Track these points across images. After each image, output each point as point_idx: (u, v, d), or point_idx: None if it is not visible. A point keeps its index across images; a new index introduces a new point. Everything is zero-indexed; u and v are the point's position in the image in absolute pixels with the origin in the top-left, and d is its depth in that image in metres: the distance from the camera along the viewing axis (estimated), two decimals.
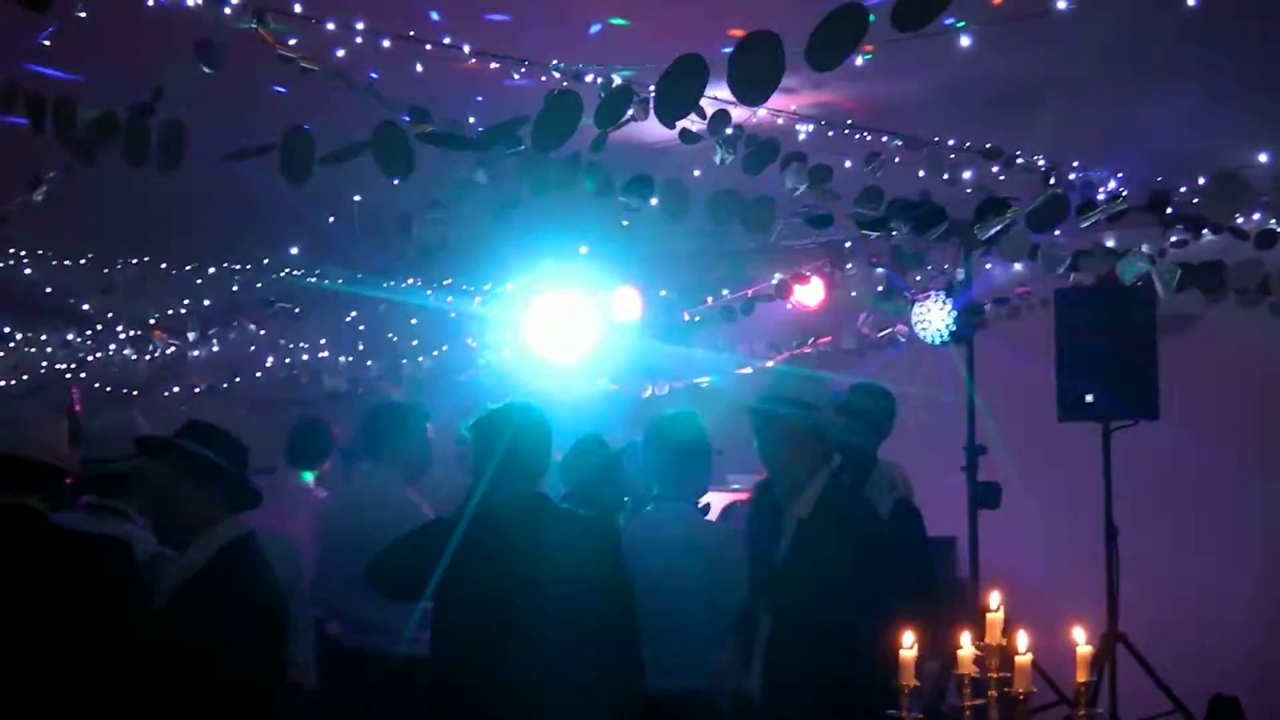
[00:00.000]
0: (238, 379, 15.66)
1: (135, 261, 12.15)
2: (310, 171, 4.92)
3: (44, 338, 14.88)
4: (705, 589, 6.29)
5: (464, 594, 5.51)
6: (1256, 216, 8.66)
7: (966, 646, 4.41)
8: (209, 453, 4.89)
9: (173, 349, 14.79)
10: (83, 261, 12.02)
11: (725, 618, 6.32)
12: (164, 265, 12.29)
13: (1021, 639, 4.38)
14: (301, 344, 15.37)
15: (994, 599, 4.61)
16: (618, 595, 5.75)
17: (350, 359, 15.43)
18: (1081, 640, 4.52)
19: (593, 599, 5.54)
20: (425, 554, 5.55)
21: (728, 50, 3.96)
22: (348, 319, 14.41)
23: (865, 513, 6.18)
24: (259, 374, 15.57)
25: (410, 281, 12.23)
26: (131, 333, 14.27)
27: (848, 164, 7.85)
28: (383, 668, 6.86)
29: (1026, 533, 9.91)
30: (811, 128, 7.63)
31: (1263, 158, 8.07)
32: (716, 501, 8.31)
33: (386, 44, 6.19)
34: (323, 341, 15.42)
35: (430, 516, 6.92)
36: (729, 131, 6.96)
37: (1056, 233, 6.92)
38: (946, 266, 10.66)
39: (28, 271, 12.25)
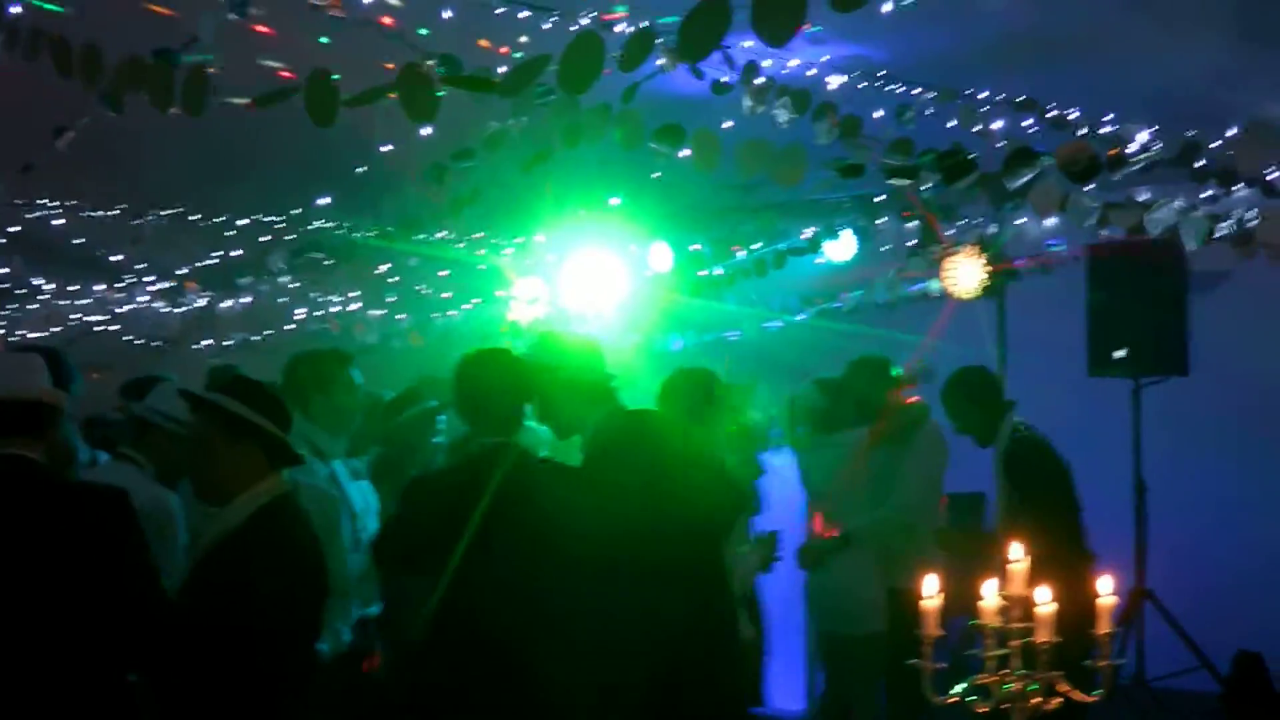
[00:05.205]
0: (269, 332, 15.67)
1: (166, 213, 12.16)
2: (335, 114, 4.90)
3: (74, 289, 14.90)
4: None
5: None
6: None
7: (990, 597, 4.41)
8: (248, 410, 4.80)
9: (203, 301, 14.81)
10: (113, 213, 12.04)
11: None
12: (194, 217, 12.30)
13: (1043, 590, 4.38)
14: (332, 296, 15.36)
15: (1016, 550, 4.60)
16: None
17: (382, 312, 15.42)
18: (1105, 591, 4.52)
19: None
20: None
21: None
22: (378, 271, 14.38)
23: None
24: (290, 327, 15.58)
25: (442, 234, 12.19)
26: (162, 285, 14.29)
27: (877, 114, 7.81)
28: None
29: None
30: (844, 79, 7.59)
31: None
32: None
33: None
34: (353, 294, 15.41)
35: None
36: (760, 82, 6.92)
37: (1088, 186, 6.87)
38: (979, 221, 10.62)
39: (58, 223, 12.29)
